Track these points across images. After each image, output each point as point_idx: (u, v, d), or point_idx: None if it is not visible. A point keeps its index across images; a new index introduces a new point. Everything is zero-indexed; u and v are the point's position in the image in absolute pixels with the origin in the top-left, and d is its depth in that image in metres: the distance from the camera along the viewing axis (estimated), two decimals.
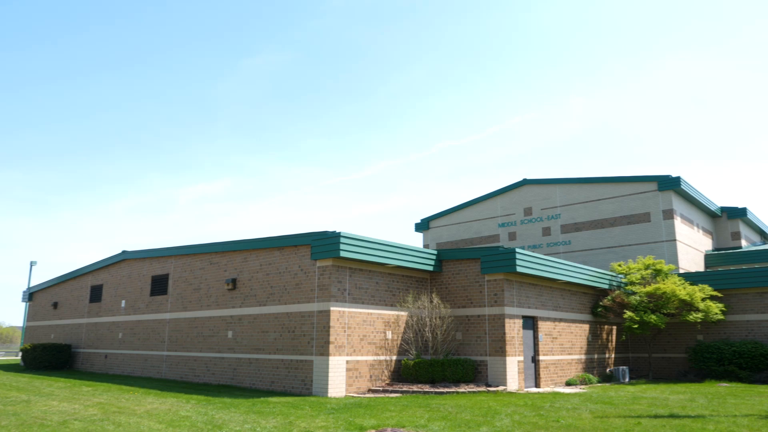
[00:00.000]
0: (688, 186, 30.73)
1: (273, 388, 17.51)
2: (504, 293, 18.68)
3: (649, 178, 30.75)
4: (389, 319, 18.38)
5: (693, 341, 24.49)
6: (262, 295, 18.89)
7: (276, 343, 17.93)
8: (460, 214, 38.35)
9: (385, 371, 17.96)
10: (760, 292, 23.65)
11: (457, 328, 19.30)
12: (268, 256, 19.07)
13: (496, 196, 36.74)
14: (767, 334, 23.19)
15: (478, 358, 18.75)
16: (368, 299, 17.86)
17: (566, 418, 11.25)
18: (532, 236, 34.48)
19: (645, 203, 30.65)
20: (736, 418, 11.28)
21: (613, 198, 31.79)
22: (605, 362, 24.02)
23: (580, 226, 32.70)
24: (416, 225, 40.44)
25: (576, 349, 22.21)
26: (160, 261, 23.86)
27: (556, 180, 34.34)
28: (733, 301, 24.10)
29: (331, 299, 16.69)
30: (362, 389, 17.02)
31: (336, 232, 16.77)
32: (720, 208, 35.26)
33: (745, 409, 12.96)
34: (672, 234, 29.52)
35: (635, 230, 30.66)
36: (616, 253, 30.59)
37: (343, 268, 17.23)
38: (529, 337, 19.84)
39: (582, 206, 32.85)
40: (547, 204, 34.29)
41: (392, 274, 18.85)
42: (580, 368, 22.13)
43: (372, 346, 17.66)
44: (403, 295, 18.96)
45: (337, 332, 16.62)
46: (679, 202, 30.78)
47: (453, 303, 19.53)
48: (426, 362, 17.67)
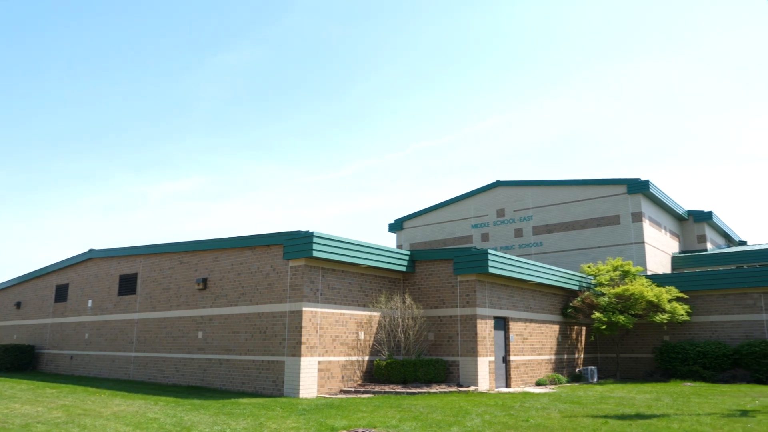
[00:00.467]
0: (657, 189, 31.35)
1: (244, 389, 17.34)
2: (476, 294, 18.81)
3: (618, 182, 31.29)
4: (362, 320, 18.36)
5: (659, 342, 24.99)
6: (234, 295, 18.70)
7: (247, 343, 17.76)
8: (433, 214, 38.52)
9: (358, 372, 17.93)
10: (724, 294, 24.24)
11: (430, 328, 19.36)
12: (239, 256, 18.89)
13: (470, 198, 36.98)
14: (730, 335, 23.78)
15: (449, 359, 18.84)
16: (341, 299, 17.81)
17: (536, 418, 11.37)
18: (504, 237, 34.80)
19: (615, 206, 31.17)
20: (700, 417, 11.54)
21: (584, 200, 32.26)
22: (574, 362, 24.36)
23: (551, 228, 33.11)
24: (390, 225, 40.50)
25: (546, 349, 22.48)
26: (129, 260, 23.45)
27: (529, 182, 34.72)
28: (698, 303, 24.66)
29: (303, 299, 16.59)
30: (334, 390, 16.96)
31: (309, 231, 16.69)
32: (687, 211, 36.05)
33: (708, 408, 13.26)
34: (640, 236, 30.07)
35: (605, 232, 31.16)
36: (587, 254, 31.05)
37: (315, 268, 17.15)
38: (500, 337, 20.01)
39: (553, 208, 33.27)
40: (519, 206, 34.65)
41: (365, 274, 18.83)
42: (550, 368, 22.40)
43: (344, 347, 17.62)
44: (375, 295, 18.96)
45: (309, 333, 16.53)
46: (647, 205, 31.38)
47: (425, 303, 19.59)
48: (398, 363, 17.69)
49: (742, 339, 23.38)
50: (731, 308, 24.03)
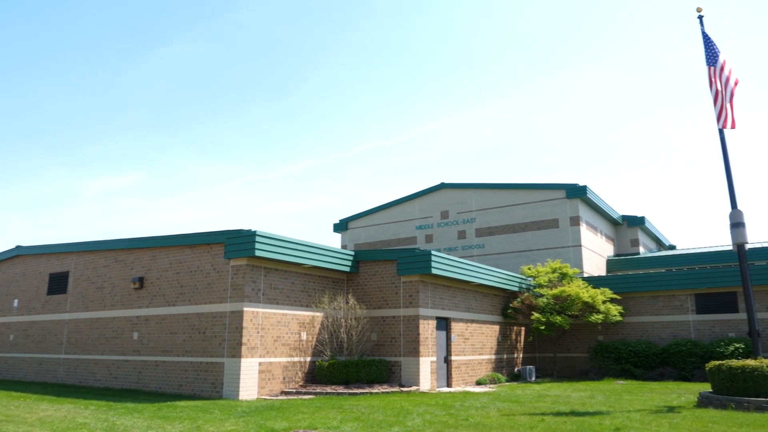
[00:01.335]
0: (594, 195, 32.44)
1: (181, 391, 16.86)
2: (419, 294, 18.95)
3: (558, 186, 32.21)
4: (304, 320, 18.18)
5: (594, 341, 25.86)
6: (172, 294, 18.16)
7: (185, 344, 17.28)
8: (378, 215, 38.62)
9: (299, 373, 17.74)
10: (654, 296, 25.32)
11: (373, 329, 19.37)
12: (178, 254, 18.37)
13: (415, 199, 37.27)
14: (659, 335, 24.86)
15: (392, 359, 18.90)
16: (283, 300, 17.58)
17: (475, 417, 11.53)
18: (448, 239, 35.24)
19: (554, 210, 32.07)
20: (630, 414, 11.98)
21: (525, 204, 33.05)
22: (514, 362, 24.90)
23: (493, 230, 33.76)
24: (335, 225, 40.35)
25: (487, 349, 22.88)
26: (60, 257, 22.42)
27: (473, 185, 35.29)
28: (630, 304, 25.66)
29: (244, 299, 16.29)
30: (275, 391, 16.72)
31: (251, 230, 16.40)
32: (621, 216, 37.47)
33: (638, 404, 13.80)
34: (578, 240, 31.05)
35: (544, 235, 32.01)
36: (527, 256, 31.81)
37: (257, 267, 16.86)
38: (442, 337, 20.23)
39: (496, 211, 33.93)
40: (463, 208, 35.16)
41: (308, 274, 18.66)
42: (490, 368, 22.81)
43: (286, 348, 17.40)
44: (319, 295, 18.82)
45: (250, 333, 16.24)
46: (585, 210, 32.43)
47: (369, 304, 19.59)
48: (340, 363, 17.61)
49: (670, 339, 24.48)
50: (661, 309, 25.13)
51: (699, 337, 24.03)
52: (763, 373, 12.45)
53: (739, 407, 12.23)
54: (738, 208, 14.27)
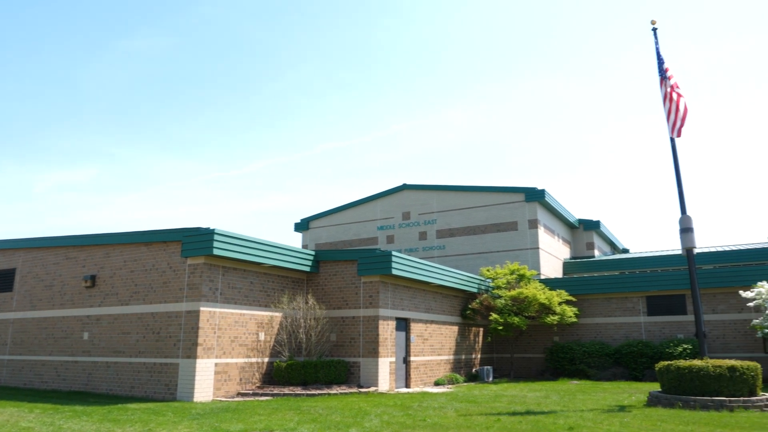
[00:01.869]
0: (552, 199, 33.06)
1: (133, 393, 16.44)
2: (379, 295, 18.95)
3: (517, 190, 32.70)
4: (263, 320, 17.97)
5: (550, 342, 26.35)
6: (125, 293, 17.70)
7: (138, 345, 16.86)
8: (340, 215, 38.50)
9: (257, 374, 17.52)
10: (608, 298, 25.96)
11: (332, 329, 19.29)
12: (133, 252, 17.92)
13: (377, 200, 37.29)
14: (612, 336, 25.50)
15: (351, 360, 18.85)
16: (242, 299, 17.34)
17: (433, 417, 11.60)
18: (409, 240, 35.37)
19: (513, 213, 32.54)
20: (583, 413, 12.24)
21: (485, 206, 33.44)
22: (472, 362, 25.15)
23: (454, 232, 34.04)
24: (296, 225, 40.06)
25: (445, 350, 23.05)
26: (6, 254, 21.60)
27: (434, 186, 35.51)
28: (585, 306, 26.25)
29: (201, 299, 15.99)
30: (231, 393, 16.47)
31: (210, 228, 16.11)
32: (578, 220, 38.29)
33: (591, 404, 14.11)
34: (536, 242, 31.58)
35: (504, 237, 32.45)
36: (486, 258, 32.18)
37: (215, 266, 16.58)
38: (401, 338, 20.28)
39: (457, 213, 34.22)
40: (424, 209, 35.35)
41: (268, 273, 18.45)
42: (448, 368, 22.99)
43: (243, 348, 17.16)
44: (278, 295, 18.63)
45: (206, 333, 15.95)
46: (543, 213, 33.01)
47: (329, 304, 19.49)
48: (299, 364, 17.47)
49: (622, 339, 25.13)
50: (614, 311, 25.78)
51: (650, 338, 24.74)
52: (708, 373, 12.90)
53: (686, 406, 12.63)
54: (687, 214, 14.74)
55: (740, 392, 12.82)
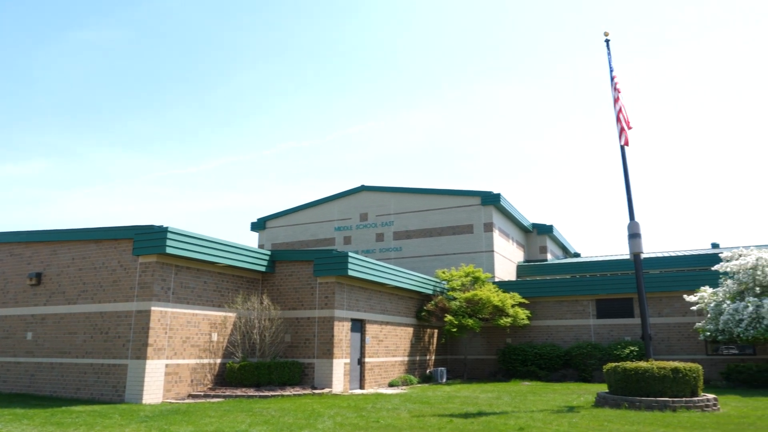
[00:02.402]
0: (507, 203, 33.61)
1: (79, 395, 15.93)
2: (335, 296, 18.90)
3: (473, 193, 33.11)
4: (216, 321, 17.68)
5: (503, 344, 26.78)
6: (73, 292, 17.15)
7: (85, 345, 16.35)
8: (297, 215, 38.21)
9: (209, 375, 17.23)
10: (559, 301, 26.57)
11: (287, 330, 19.13)
12: (82, 250, 17.38)
13: (335, 200, 37.17)
14: (563, 338, 26.10)
15: (305, 361, 18.74)
16: (195, 299, 17.02)
17: (386, 419, 11.64)
18: (366, 241, 35.38)
19: (469, 216, 32.93)
20: (533, 413, 12.49)
21: (442, 209, 33.74)
22: (426, 363, 25.33)
23: (411, 234, 34.22)
24: (252, 224, 39.55)
25: (400, 351, 23.15)
26: None
27: (392, 189, 35.62)
28: (537, 308, 26.78)
29: (152, 298, 15.63)
30: (182, 394, 16.14)
31: (163, 226, 15.77)
32: (532, 224, 39.03)
33: (541, 405, 14.41)
34: (491, 245, 32.05)
35: (460, 240, 32.80)
36: (442, 260, 32.47)
37: (168, 265, 16.23)
38: (356, 339, 20.27)
39: (414, 215, 34.42)
40: (382, 211, 35.42)
41: (222, 273, 18.18)
42: (403, 370, 23.09)
43: (195, 349, 16.85)
44: (232, 295, 18.37)
45: (157, 334, 15.59)
46: (498, 217, 33.52)
47: (284, 305, 19.34)
48: (252, 365, 17.26)
49: (573, 341, 25.75)
50: (565, 314, 26.39)
51: (599, 340, 25.42)
52: (653, 374, 13.35)
53: (632, 406, 13.04)
54: (635, 220, 15.22)
55: (683, 393, 13.30)
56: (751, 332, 18.95)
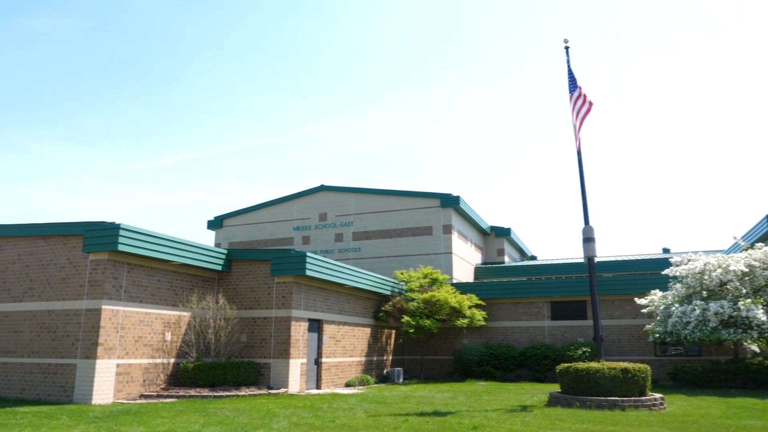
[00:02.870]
0: (466, 205, 33.99)
1: (24, 396, 15.38)
2: (292, 296, 18.77)
3: (433, 195, 33.37)
4: (170, 320, 17.33)
5: (459, 344, 27.07)
6: (18, 289, 16.54)
7: (32, 344, 15.79)
8: (255, 214, 37.78)
9: (161, 375, 16.86)
10: (515, 302, 27.01)
11: (243, 329, 18.89)
12: (29, 246, 16.78)
13: (293, 200, 36.90)
14: (518, 339, 26.55)
15: (261, 361, 18.55)
16: (148, 298, 16.64)
17: (342, 418, 11.62)
18: (325, 241, 35.24)
19: (428, 218, 33.17)
20: (488, 413, 12.67)
21: (402, 210, 33.88)
22: (383, 364, 25.39)
23: (370, 235, 34.25)
24: (209, 222, 38.91)
25: (357, 351, 23.14)
26: None
27: (352, 189, 35.59)
28: (494, 310, 27.17)
29: (103, 297, 15.21)
30: (134, 395, 15.76)
31: (115, 223, 15.36)
32: (490, 227, 39.58)
33: (495, 404, 14.62)
34: (449, 247, 32.35)
35: (419, 242, 33.00)
36: (401, 262, 32.60)
37: (120, 263, 15.83)
38: (313, 339, 20.17)
39: (373, 216, 34.46)
40: (341, 211, 35.34)
41: (177, 272, 17.82)
42: (360, 370, 23.09)
43: (148, 349, 16.47)
44: (187, 294, 18.03)
45: (108, 333, 15.18)
46: (457, 219, 33.87)
47: (240, 304, 19.09)
48: (207, 365, 16.98)
49: (528, 342, 26.21)
50: (520, 315, 26.85)
51: (553, 341, 25.95)
52: (604, 374, 13.70)
53: (583, 406, 13.35)
54: (590, 224, 15.59)
55: (632, 392, 13.70)
56: (697, 334, 19.65)
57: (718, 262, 20.77)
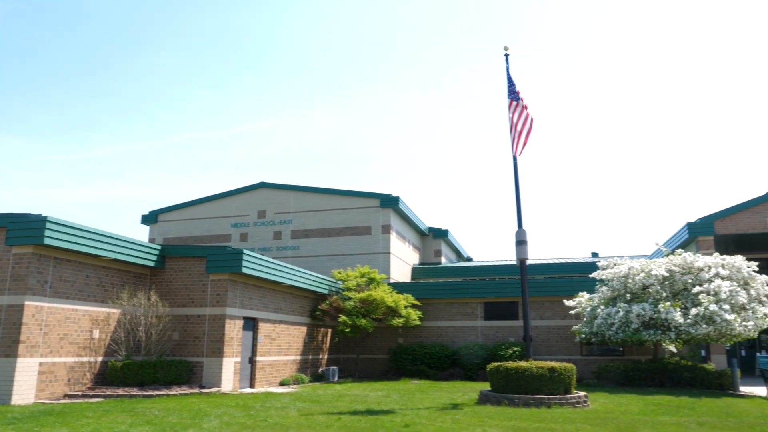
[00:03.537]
0: (405, 206, 34.38)
1: None
2: (227, 294, 18.51)
3: (373, 195, 33.57)
4: (98, 317, 16.75)
5: (395, 344, 27.36)
6: None
7: None
8: (192, 210, 36.91)
9: (88, 374, 16.28)
10: (450, 303, 27.55)
11: (175, 327, 18.48)
12: None
13: (232, 196, 36.30)
14: (452, 338, 27.09)
15: (194, 359, 18.20)
16: (75, 294, 16.02)
17: (274, 417, 11.58)
18: (263, 239, 34.84)
19: (368, 217, 33.34)
20: (420, 411, 12.92)
21: (341, 210, 33.92)
22: (318, 363, 25.37)
23: (309, 233, 34.11)
24: (143, 217, 37.70)
25: (293, 350, 23.03)
26: None
27: (292, 187, 35.34)
28: (429, 309, 27.61)
29: (27, 292, 14.55)
30: (57, 395, 15.15)
31: (41, 215, 14.73)
32: (428, 228, 40.16)
33: (428, 402, 14.91)
34: (387, 247, 32.64)
35: (357, 241, 33.13)
36: (339, 261, 32.63)
37: (46, 257, 15.18)
38: (248, 338, 19.95)
39: (313, 214, 34.34)
40: (280, 209, 35.03)
41: (107, 267, 17.25)
42: (295, 369, 22.99)
43: (74, 347, 15.87)
44: (117, 291, 17.47)
45: (31, 330, 14.53)
46: (396, 220, 34.20)
47: (173, 302, 18.67)
48: (136, 364, 16.52)
49: (461, 342, 26.78)
50: (455, 315, 27.41)
51: (485, 341, 26.63)
52: (531, 373, 14.22)
53: (511, 403, 13.81)
54: (523, 228, 16.12)
55: (558, 390, 14.27)
56: (620, 335, 20.63)
57: (641, 266, 21.85)
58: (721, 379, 20.23)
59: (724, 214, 26.50)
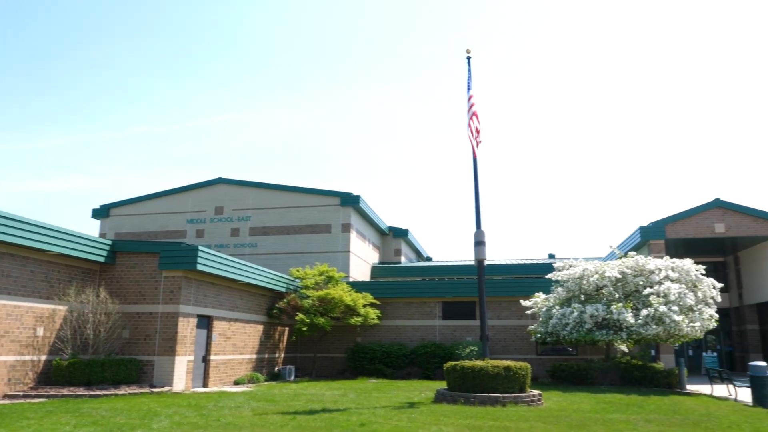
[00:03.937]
0: (365, 205, 34.26)
1: None
2: (181, 291, 18.04)
3: (333, 194, 33.36)
4: (43, 314, 16.08)
5: (353, 342, 27.21)
6: None
7: None
8: (147, 204, 35.95)
9: (30, 373, 15.61)
10: (408, 302, 27.57)
11: (125, 325, 17.91)
12: None
13: (189, 191, 35.51)
14: (410, 338, 27.11)
15: (145, 358, 17.67)
16: (18, 290, 15.34)
17: (227, 417, 11.31)
18: (220, 236, 34.21)
19: (328, 216, 33.11)
20: (376, 410, 12.82)
21: (301, 207, 33.59)
22: (275, 361, 25.02)
23: (268, 230, 33.66)
24: (94, 211, 36.53)
25: (248, 348, 22.64)
26: None
27: (251, 183, 34.81)
28: (388, 309, 27.57)
29: None
30: None
31: None
32: (388, 227, 40.14)
33: (384, 401, 14.83)
34: (347, 246, 32.47)
35: (317, 239, 32.85)
36: (298, 259, 32.27)
37: None
38: (202, 336, 19.50)
39: (272, 211, 33.89)
40: (239, 205, 34.46)
41: (54, 262, 16.57)
42: (250, 367, 22.60)
43: (16, 345, 15.19)
44: (64, 287, 16.82)
45: None
46: (356, 219, 34.05)
47: (124, 299, 18.09)
48: (83, 363, 15.93)
49: (419, 341, 26.82)
50: (413, 314, 27.44)
51: (443, 340, 26.74)
52: (487, 372, 14.29)
53: (467, 402, 13.85)
54: (481, 229, 16.21)
55: (513, 389, 14.39)
56: (574, 335, 21.00)
57: (595, 268, 22.30)
58: (669, 378, 20.82)
59: (674, 219, 27.27)
